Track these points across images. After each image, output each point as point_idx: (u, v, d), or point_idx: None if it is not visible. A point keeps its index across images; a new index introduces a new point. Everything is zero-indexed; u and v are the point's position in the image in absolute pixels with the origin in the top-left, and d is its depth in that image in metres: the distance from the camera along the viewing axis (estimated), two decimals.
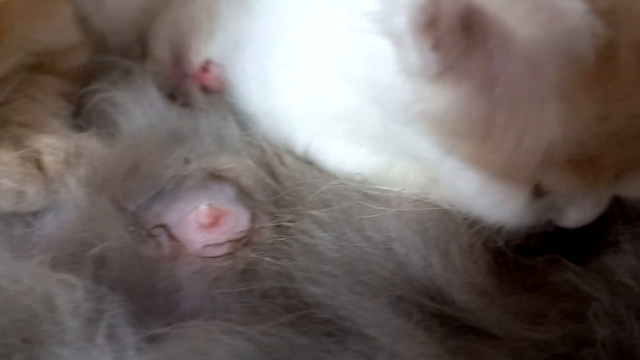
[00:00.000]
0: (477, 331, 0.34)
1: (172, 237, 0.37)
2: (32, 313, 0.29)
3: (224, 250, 0.36)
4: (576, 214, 0.37)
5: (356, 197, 0.39)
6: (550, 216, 0.37)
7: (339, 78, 0.40)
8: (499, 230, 0.37)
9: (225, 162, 0.43)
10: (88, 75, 0.50)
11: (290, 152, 0.44)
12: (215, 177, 0.42)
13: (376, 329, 0.33)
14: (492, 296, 0.35)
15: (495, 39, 0.25)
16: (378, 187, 0.40)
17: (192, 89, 0.52)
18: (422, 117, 0.31)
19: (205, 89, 0.51)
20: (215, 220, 0.37)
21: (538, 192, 0.35)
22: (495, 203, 0.35)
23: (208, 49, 0.52)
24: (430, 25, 0.25)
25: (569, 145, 0.31)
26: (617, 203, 0.40)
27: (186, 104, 0.51)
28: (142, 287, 0.34)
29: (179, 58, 0.53)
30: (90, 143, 0.42)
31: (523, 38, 0.24)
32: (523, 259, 0.39)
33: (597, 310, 0.36)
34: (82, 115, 0.47)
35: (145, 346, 0.29)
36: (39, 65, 0.46)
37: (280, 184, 0.42)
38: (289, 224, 0.38)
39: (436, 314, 0.35)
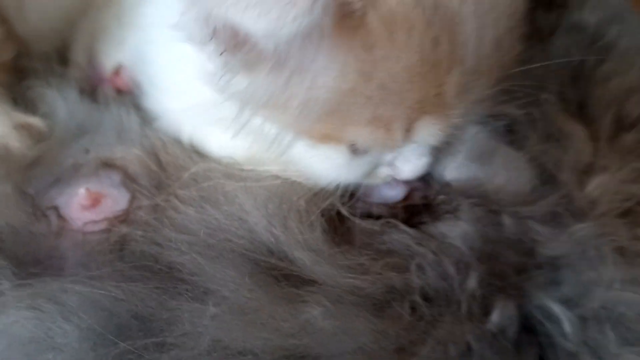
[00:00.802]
0: (306, 281, 0.41)
1: (60, 216, 0.44)
2: None
3: (101, 226, 0.43)
4: (406, 166, 0.43)
5: (218, 177, 0.46)
6: (389, 172, 0.44)
7: (196, 77, 0.46)
8: (342, 195, 0.44)
9: (118, 152, 0.50)
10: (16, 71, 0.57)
11: (178, 142, 0.51)
12: (107, 165, 0.49)
13: (218, 283, 0.40)
14: (323, 252, 0.42)
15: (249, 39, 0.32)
16: (238, 167, 0.47)
17: (108, 90, 0.59)
18: (237, 97, 0.38)
19: (119, 90, 0.58)
20: (94, 202, 0.44)
21: (354, 150, 0.41)
22: (323, 166, 0.42)
23: (118, 55, 0.59)
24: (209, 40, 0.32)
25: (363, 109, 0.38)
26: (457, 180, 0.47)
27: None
28: (29, 256, 0.41)
29: (94, 63, 0.60)
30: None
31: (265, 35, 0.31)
32: (363, 223, 0.45)
33: (420, 264, 0.43)
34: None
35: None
36: None
37: (163, 170, 0.49)
38: (163, 203, 0.46)
39: (276, 270, 0.42)
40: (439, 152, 0.45)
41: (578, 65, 0.54)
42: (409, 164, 0.44)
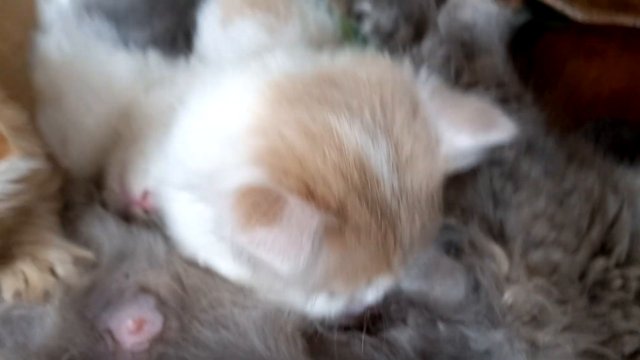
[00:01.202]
0: None
1: (113, 338, 0.61)
2: None
3: (145, 346, 0.60)
4: (370, 296, 0.59)
5: (228, 302, 0.63)
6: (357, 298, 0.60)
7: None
8: (318, 318, 0.61)
9: (151, 278, 0.66)
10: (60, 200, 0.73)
11: (196, 267, 0.68)
12: (144, 290, 0.65)
13: None
14: None
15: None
16: (242, 295, 0.63)
17: (137, 211, 0.75)
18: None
19: (146, 212, 0.74)
20: (139, 327, 0.60)
21: (331, 293, 0.58)
22: (304, 305, 0.59)
23: (144, 182, 0.74)
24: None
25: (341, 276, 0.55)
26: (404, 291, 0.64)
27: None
28: None
29: (125, 188, 0.76)
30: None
31: None
32: (334, 335, 0.62)
33: None
34: None
35: None
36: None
37: (186, 293, 0.65)
38: (187, 323, 0.62)
39: None
40: None
41: (499, 192, 0.71)
42: (373, 294, 0.59)
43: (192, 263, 0.68)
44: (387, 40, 0.85)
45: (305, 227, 0.47)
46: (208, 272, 0.67)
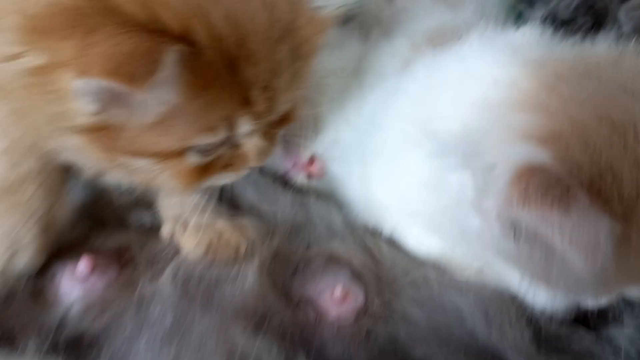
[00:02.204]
0: None
1: (313, 308, 0.54)
2: None
3: (351, 319, 0.53)
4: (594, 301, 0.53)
5: (435, 282, 0.56)
6: (578, 301, 0.53)
7: (424, 192, 0.56)
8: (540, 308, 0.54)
9: (338, 249, 0.60)
10: None
11: (384, 240, 0.61)
12: (333, 260, 0.59)
13: None
14: (533, 356, 0.52)
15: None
16: (452, 272, 0.56)
17: (298, 177, 0.69)
18: (497, 250, 0.48)
19: (310, 176, 0.68)
20: (345, 297, 0.53)
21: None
22: (540, 297, 0.52)
23: (313, 147, 0.69)
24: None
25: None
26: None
27: (296, 189, 0.68)
28: (293, 338, 0.50)
29: (291, 153, 0.70)
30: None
31: None
32: (554, 327, 0.55)
33: None
34: None
35: None
36: None
37: (379, 266, 0.59)
38: (391, 300, 0.55)
39: None
40: None
41: None
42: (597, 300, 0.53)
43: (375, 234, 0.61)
44: (559, 28, 0.80)
45: (600, 229, 0.40)
46: (395, 246, 0.60)
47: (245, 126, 0.48)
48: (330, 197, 0.66)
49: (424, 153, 0.53)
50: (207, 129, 0.47)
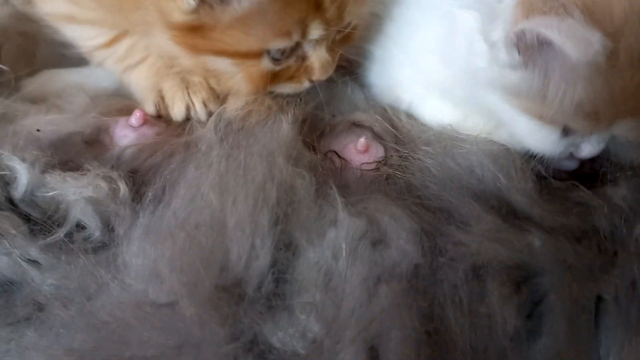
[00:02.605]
0: (525, 216, 0.57)
1: (339, 157, 0.60)
2: None
3: (372, 166, 0.60)
4: (587, 148, 0.59)
5: (449, 139, 0.62)
6: (572, 150, 0.59)
7: (438, 60, 0.62)
8: (541, 159, 0.60)
9: (360, 116, 0.66)
10: None
11: (403, 112, 0.68)
12: (356, 125, 0.65)
13: (461, 210, 0.56)
14: (535, 199, 0.58)
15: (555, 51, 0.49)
16: (463, 133, 0.63)
17: None
18: (502, 87, 0.54)
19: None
20: (366, 149, 0.60)
21: (565, 132, 0.57)
22: (539, 139, 0.58)
23: None
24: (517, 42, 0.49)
25: (584, 106, 0.54)
26: (617, 156, 0.63)
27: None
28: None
29: None
30: None
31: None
32: (555, 181, 0.61)
33: (599, 215, 0.58)
34: None
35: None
36: None
37: (398, 131, 0.65)
38: (408, 154, 0.62)
39: (500, 207, 0.58)
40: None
41: None
42: (590, 147, 0.59)
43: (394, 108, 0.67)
44: None
45: (592, 36, 0.47)
46: (413, 117, 0.67)
47: (315, 31, 0.55)
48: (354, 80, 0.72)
49: (437, 15, 0.59)
50: (283, 32, 0.53)
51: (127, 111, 0.60)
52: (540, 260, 0.55)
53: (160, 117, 0.61)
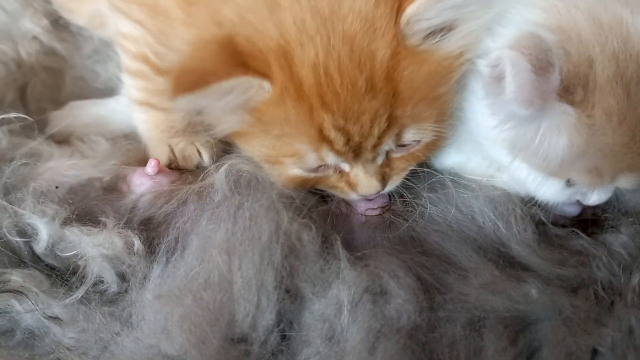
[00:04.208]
0: (523, 266, 0.59)
1: (345, 203, 0.63)
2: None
3: (377, 212, 0.62)
4: (595, 197, 0.60)
5: (452, 185, 0.64)
6: (579, 198, 0.61)
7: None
8: (543, 207, 0.61)
9: None
10: None
11: None
12: None
13: (463, 260, 0.58)
14: (534, 248, 0.60)
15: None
16: (465, 177, 0.65)
17: None
18: (503, 141, 0.56)
19: None
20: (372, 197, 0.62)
21: (569, 183, 0.59)
22: (542, 189, 0.59)
23: None
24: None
25: (586, 161, 0.56)
26: (619, 201, 0.65)
27: None
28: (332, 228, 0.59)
29: None
30: None
31: None
32: (555, 229, 0.62)
33: (598, 264, 0.60)
34: None
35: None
36: None
37: None
38: (411, 200, 0.64)
39: (501, 255, 0.60)
40: None
41: None
42: (596, 196, 0.60)
43: None
44: None
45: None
46: None
47: (330, 159, 0.56)
48: None
49: None
50: (289, 154, 0.55)
51: (145, 160, 0.63)
52: (537, 311, 0.56)
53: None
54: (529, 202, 0.62)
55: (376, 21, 0.51)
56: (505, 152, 0.58)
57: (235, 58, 0.49)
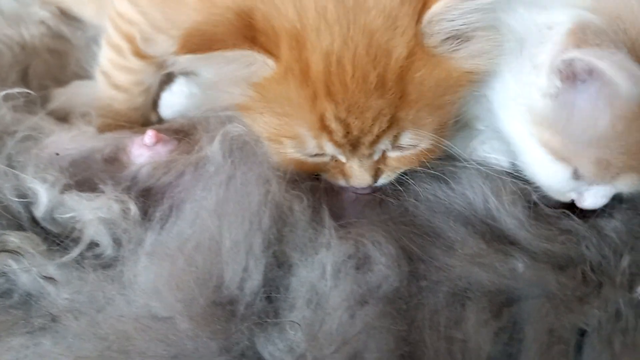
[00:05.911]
0: (511, 240, 0.60)
1: None
2: None
3: (367, 190, 0.63)
4: (590, 199, 0.60)
5: (445, 162, 0.65)
6: (575, 197, 0.61)
7: None
8: (538, 189, 0.62)
9: None
10: None
11: None
12: None
13: (450, 232, 0.59)
14: (522, 222, 0.60)
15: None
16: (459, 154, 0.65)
17: None
18: (528, 112, 0.56)
19: None
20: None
21: (574, 174, 0.58)
22: (548, 174, 0.59)
23: None
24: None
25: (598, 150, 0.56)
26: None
27: None
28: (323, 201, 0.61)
29: None
30: None
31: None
32: (546, 208, 0.63)
33: (587, 244, 0.60)
34: None
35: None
36: None
37: None
38: (404, 179, 0.65)
39: (489, 230, 0.61)
40: None
41: None
42: (593, 199, 0.61)
43: None
44: None
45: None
46: None
47: (328, 148, 0.57)
48: None
49: None
50: (289, 136, 0.56)
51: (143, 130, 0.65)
52: (522, 286, 0.57)
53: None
54: (521, 179, 0.62)
55: (399, 19, 0.52)
56: (525, 123, 0.58)
57: (247, 31, 0.50)
